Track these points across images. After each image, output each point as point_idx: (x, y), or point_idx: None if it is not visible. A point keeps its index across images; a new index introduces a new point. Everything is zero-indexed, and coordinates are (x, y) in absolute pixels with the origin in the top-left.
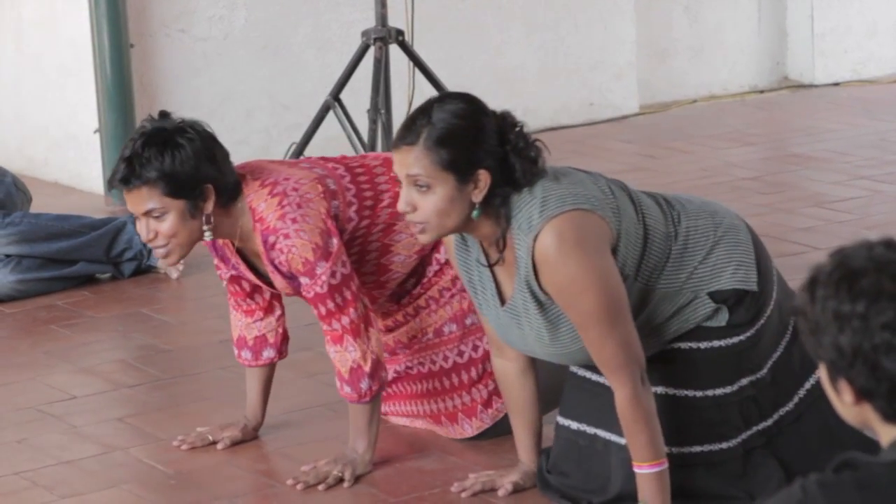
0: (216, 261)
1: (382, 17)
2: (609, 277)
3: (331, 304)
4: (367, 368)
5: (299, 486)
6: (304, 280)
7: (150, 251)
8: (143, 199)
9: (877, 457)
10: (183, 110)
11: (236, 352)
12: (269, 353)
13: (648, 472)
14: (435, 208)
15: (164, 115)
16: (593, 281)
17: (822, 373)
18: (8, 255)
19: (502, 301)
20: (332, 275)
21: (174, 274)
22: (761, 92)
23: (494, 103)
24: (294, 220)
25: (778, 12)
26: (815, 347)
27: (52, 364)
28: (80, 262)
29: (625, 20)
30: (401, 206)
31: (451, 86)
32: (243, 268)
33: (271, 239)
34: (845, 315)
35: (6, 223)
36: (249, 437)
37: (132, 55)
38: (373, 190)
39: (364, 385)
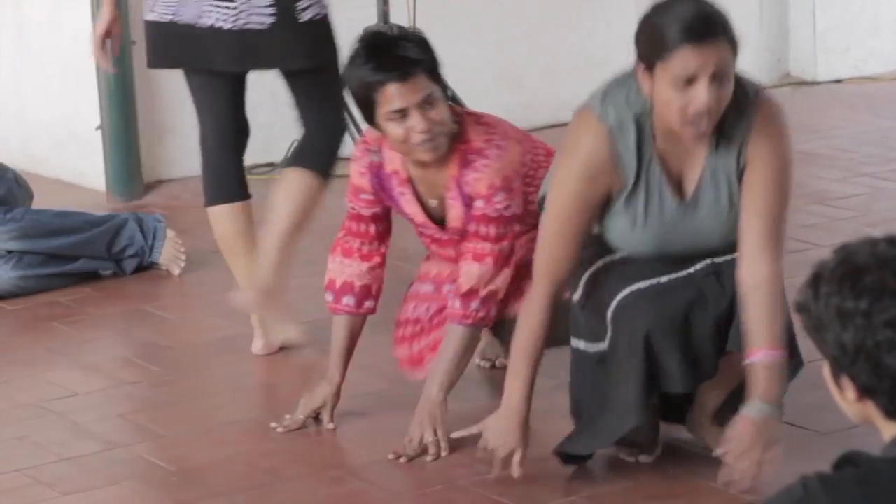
0: (360, 197)
1: (384, 15)
2: None
3: (492, 230)
4: (482, 293)
5: (402, 460)
6: (478, 203)
7: (151, 248)
8: (420, 86)
9: (879, 454)
10: (185, 108)
11: (333, 298)
12: (369, 304)
13: (781, 360)
14: (727, 96)
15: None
16: (790, 160)
17: (825, 369)
18: (9, 252)
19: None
20: (507, 207)
21: (176, 271)
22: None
23: (496, 101)
24: (499, 147)
25: (780, 9)
26: (818, 344)
27: (53, 361)
28: (81, 259)
29: (626, 17)
30: (711, 102)
31: (452, 83)
32: (409, 196)
33: (471, 157)
34: (848, 312)
35: (7, 219)
36: (336, 401)
37: (134, 52)
38: (535, 184)
39: (473, 305)
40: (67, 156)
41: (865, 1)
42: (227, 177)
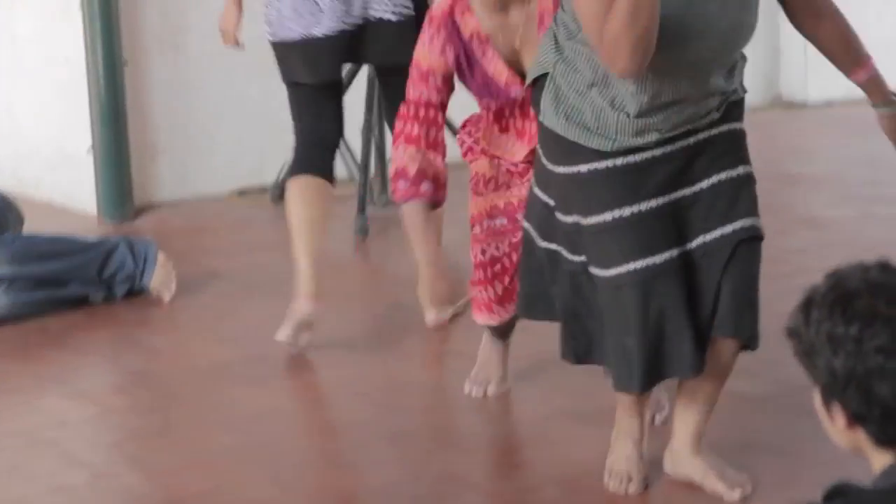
0: (431, 82)
1: None
2: None
3: None
4: None
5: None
6: None
7: (142, 272)
8: None
9: (868, 484)
10: (177, 127)
11: (407, 184)
12: (443, 193)
13: (875, 69)
14: None
15: None
16: None
17: (816, 397)
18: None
19: None
20: None
21: (167, 296)
22: (754, 111)
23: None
24: None
25: (771, 30)
26: (809, 370)
27: (43, 387)
28: (72, 284)
29: None
30: None
31: None
32: (491, 54)
33: None
34: (839, 338)
35: None
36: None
37: (126, 73)
38: None
39: None
40: (58, 178)
41: (857, 22)
42: (317, 160)
